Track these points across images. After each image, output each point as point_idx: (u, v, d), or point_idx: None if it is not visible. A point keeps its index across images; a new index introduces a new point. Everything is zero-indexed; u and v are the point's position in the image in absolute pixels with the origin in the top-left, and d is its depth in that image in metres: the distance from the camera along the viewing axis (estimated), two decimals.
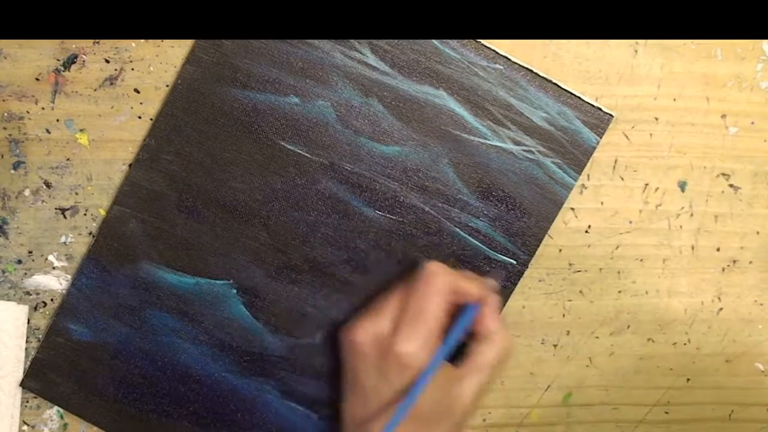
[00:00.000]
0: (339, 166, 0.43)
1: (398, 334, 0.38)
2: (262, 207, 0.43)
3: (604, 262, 0.45)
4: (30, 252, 0.44)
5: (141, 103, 0.43)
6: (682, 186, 0.45)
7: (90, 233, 0.44)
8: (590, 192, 0.45)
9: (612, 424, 0.46)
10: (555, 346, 0.46)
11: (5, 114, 0.43)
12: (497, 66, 0.43)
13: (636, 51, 0.44)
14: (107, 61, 0.43)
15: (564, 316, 0.45)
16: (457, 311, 0.40)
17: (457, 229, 0.43)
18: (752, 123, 0.45)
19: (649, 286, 0.46)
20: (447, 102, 0.43)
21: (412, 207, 0.43)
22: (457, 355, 0.40)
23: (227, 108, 0.43)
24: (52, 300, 0.44)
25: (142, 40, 0.43)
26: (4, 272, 0.44)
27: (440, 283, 0.39)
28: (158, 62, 0.43)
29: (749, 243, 0.46)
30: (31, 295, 0.44)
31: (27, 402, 0.44)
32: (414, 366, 0.37)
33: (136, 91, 0.43)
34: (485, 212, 0.43)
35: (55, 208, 0.44)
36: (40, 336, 0.44)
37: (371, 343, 0.39)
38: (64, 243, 0.44)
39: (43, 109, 0.43)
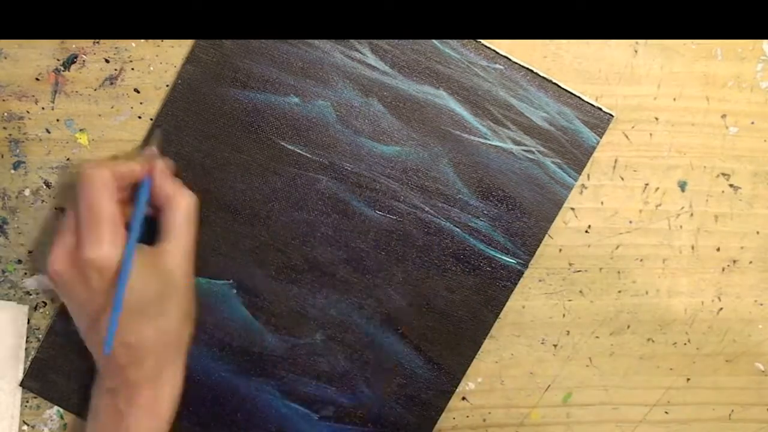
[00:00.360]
0: (339, 166, 0.43)
1: (84, 244, 0.37)
2: (262, 207, 0.43)
3: (604, 262, 0.45)
4: (30, 252, 0.44)
5: (141, 103, 0.43)
6: (682, 186, 0.45)
7: None
8: (590, 192, 0.45)
9: (612, 424, 0.46)
10: (555, 346, 0.46)
11: (5, 114, 0.43)
12: (497, 66, 0.43)
13: (636, 51, 0.44)
14: (107, 61, 0.43)
15: (564, 316, 0.45)
16: (133, 193, 0.40)
17: (457, 229, 0.43)
18: (752, 123, 0.45)
19: (649, 286, 0.46)
20: (447, 102, 0.43)
21: (412, 207, 0.43)
22: (155, 235, 0.40)
23: (227, 108, 0.43)
24: (52, 300, 0.44)
25: (142, 40, 0.43)
26: (4, 272, 0.44)
27: (100, 177, 0.38)
28: (158, 62, 0.43)
29: (749, 243, 0.46)
30: (31, 295, 0.44)
31: (27, 402, 0.44)
32: (111, 265, 0.37)
33: (136, 91, 0.43)
34: (485, 212, 0.43)
35: (55, 208, 0.44)
36: (40, 336, 0.44)
37: (67, 266, 0.38)
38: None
39: (43, 109, 0.43)
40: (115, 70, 0.43)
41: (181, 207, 0.40)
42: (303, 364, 0.44)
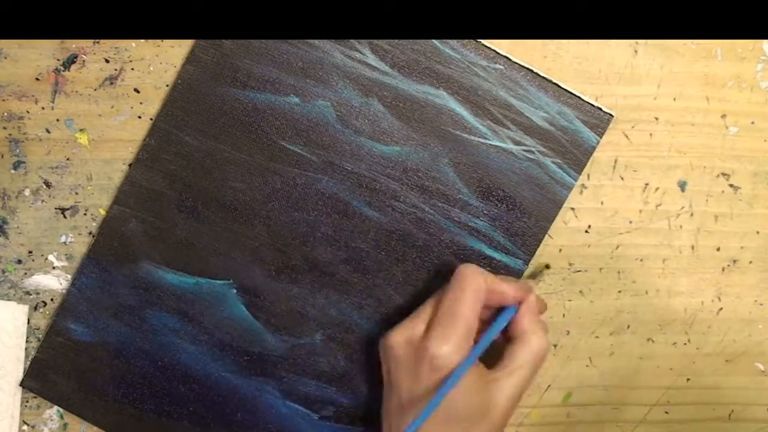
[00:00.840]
0: (339, 166, 0.43)
1: (431, 336, 0.38)
2: (262, 207, 0.43)
3: (604, 262, 0.45)
4: (30, 252, 0.44)
5: (141, 103, 0.43)
6: (682, 186, 0.45)
7: (90, 233, 0.44)
8: (590, 192, 0.45)
9: (612, 424, 0.46)
10: (555, 346, 0.46)
11: (5, 114, 0.43)
12: (497, 66, 0.43)
13: (636, 51, 0.44)
14: (107, 61, 0.43)
15: (564, 316, 0.45)
16: (495, 314, 0.40)
17: (457, 229, 0.43)
18: (752, 123, 0.45)
19: (649, 286, 0.46)
20: (447, 102, 0.43)
21: (412, 207, 0.43)
22: (496, 358, 0.40)
23: (227, 108, 0.43)
24: (52, 300, 0.44)
25: (142, 40, 0.43)
26: (4, 272, 0.44)
27: (474, 284, 0.38)
28: (158, 62, 0.43)
29: (749, 243, 0.46)
30: (31, 295, 0.44)
31: (27, 402, 0.44)
32: (446, 367, 0.37)
33: (136, 91, 0.43)
34: (485, 212, 0.43)
35: (55, 208, 0.44)
36: (40, 336, 0.44)
37: (405, 346, 0.39)
38: (64, 243, 0.44)
39: (43, 109, 0.43)
40: (115, 70, 0.43)
41: (534, 348, 0.39)
42: (303, 364, 0.44)
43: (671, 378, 0.46)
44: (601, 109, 0.43)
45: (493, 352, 0.39)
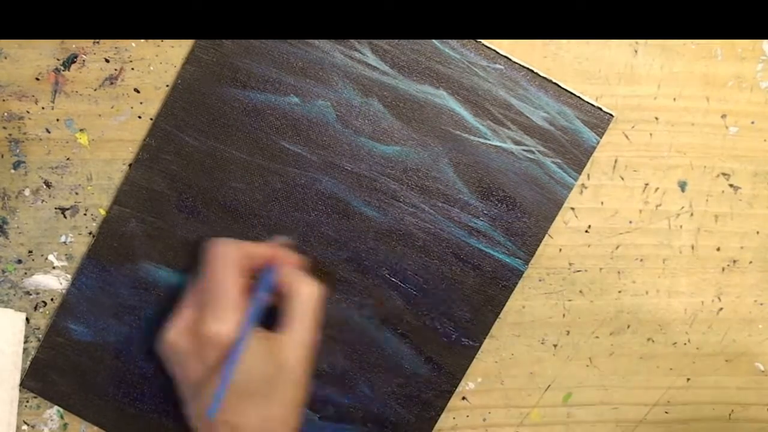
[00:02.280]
0: (339, 166, 0.43)
1: (204, 320, 0.37)
2: (262, 207, 0.43)
3: (604, 262, 0.45)
4: (30, 252, 0.44)
5: (141, 103, 0.43)
6: (682, 186, 0.45)
7: (90, 233, 0.44)
8: (590, 192, 0.45)
9: (612, 424, 0.46)
10: (555, 346, 0.46)
11: (5, 114, 0.43)
12: (497, 66, 0.43)
13: (636, 51, 0.44)
14: (107, 61, 0.43)
15: (564, 316, 0.45)
16: (258, 278, 0.40)
17: (457, 229, 0.43)
18: (752, 123, 0.45)
19: (649, 286, 0.46)
20: (447, 102, 0.43)
21: (412, 207, 0.43)
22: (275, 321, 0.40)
23: (227, 108, 0.43)
24: (52, 300, 0.44)
25: (142, 40, 0.43)
26: (4, 272, 0.44)
27: (228, 256, 0.38)
28: (158, 62, 0.43)
29: (749, 243, 0.46)
30: (31, 294, 0.44)
31: (27, 402, 0.44)
32: (229, 342, 0.37)
33: (136, 91, 0.43)
34: (485, 212, 0.43)
35: (55, 208, 0.44)
36: (40, 336, 0.44)
37: (182, 336, 0.38)
38: (64, 243, 0.44)
39: (43, 109, 0.43)
40: (115, 70, 0.43)
41: (303, 297, 0.39)
42: None
43: (671, 378, 0.46)
44: (601, 109, 0.43)
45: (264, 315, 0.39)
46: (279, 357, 0.38)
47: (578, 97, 0.43)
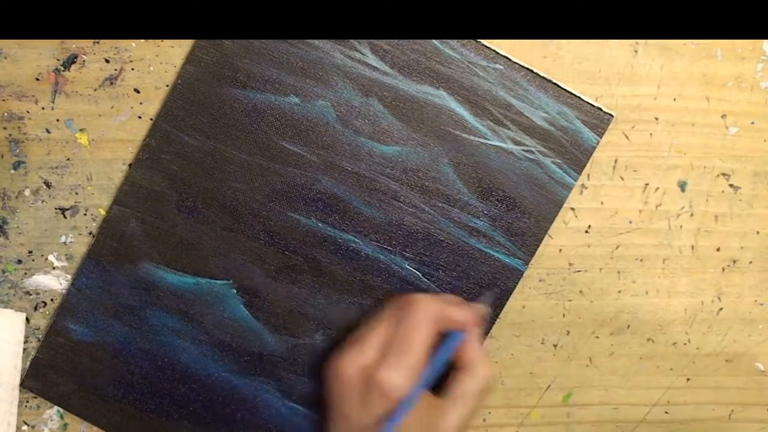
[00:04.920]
0: (339, 166, 0.43)
1: (382, 364, 0.37)
2: (262, 207, 0.43)
3: (604, 262, 0.45)
4: (30, 252, 0.44)
5: (141, 103, 0.43)
6: (682, 186, 0.45)
7: (90, 233, 0.44)
8: (590, 192, 0.45)
9: (612, 424, 0.46)
10: (555, 346, 0.46)
11: (5, 114, 0.43)
12: (497, 66, 0.43)
13: (636, 51, 0.44)
14: (107, 61, 0.43)
15: (564, 316, 0.45)
16: (443, 339, 0.40)
17: (457, 229, 0.43)
18: (752, 123, 0.45)
19: (649, 286, 0.46)
20: (447, 102, 0.43)
21: (412, 207, 0.43)
22: (443, 385, 0.40)
23: (227, 108, 0.43)
24: (52, 300, 0.44)
25: (142, 40, 0.43)
26: (4, 272, 0.44)
27: (427, 312, 0.38)
28: (158, 62, 0.43)
29: (749, 243, 0.46)
30: (31, 295, 0.44)
31: (27, 402, 0.44)
32: (397, 395, 0.37)
33: (136, 91, 0.43)
34: (485, 212, 0.43)
35: (55, 208, 0.44)
36: (40, 336, 0.44)
37: (355, 373, 0.38)
38: (64, 243, 0.44)
39: (43, 109, 0.43)
40: (115, 70, 0.43)
41: (480, 377, 0.39)
42: (303, 364, 0.44)
43: (671, 378, 0.46)
44: (601, 109, 0.43)
45: (439, 379, 0.39)
46: (438, 424, 0.38)
47: (578, 97, 0.43)
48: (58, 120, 0.43)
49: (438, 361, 0.39)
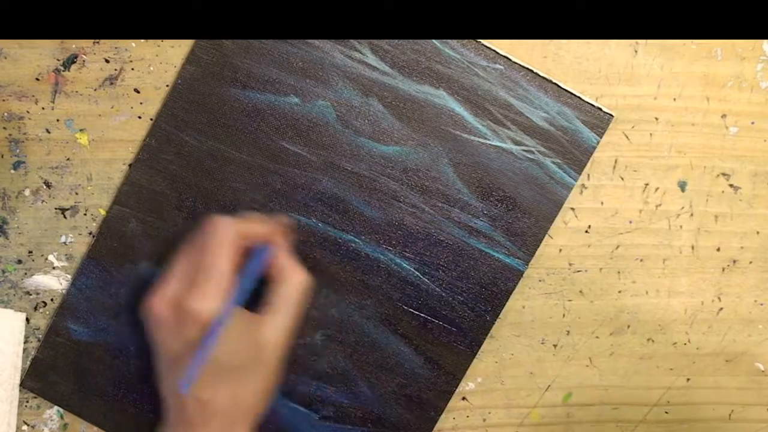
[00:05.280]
0: (339, 166, 0.43)
1: (190, 294, 0.37)
2: (262, 207, 0.43)
3: (604, 262, 0.45)
4: (30, 252, 0.44)
5: (141, 103, 0.43)
6: (682, 186, 0.45)
7: (90, 233, 0.44)
8: (590, 192, 0.45)
9: (612, 424, 0.46)
10: (555, 346, 0.46)
11: (5, 114, 0.43)
12: (497, 66, 0.43)
13: (636, 51, 0.44)
14: (107, 61, 0.43)
15: (564, 316, 0.45)
16: (249, 257, 0.39)
17: (457, 229, 0.43)
18: (752, 123, 0.45)
19: (649, 286, 0.46)
20: (447, 102, 0.43)
21: (412, 207, 0.43)
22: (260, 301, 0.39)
23: (227, 108, 0.43)
24: (52, 300, 0.44)
25: (142, 40, 0.43)
26: (4, 272, 0.44)
27: (225, 233, 0.38)
28: (158, 62, 0.43)
29: (749, 243, 0.46)
30: (31, 295, 0.44)
31: (27, 402, 0.44)
32: (209, 319, 0.37)
33: (136, 91, 0.43)
34: (485, 212, 0.43)
35: (55, 208, 0.44)
36: (40, 336, 0.44)
37: (165, 307, 0.38)
38: (64, 243, 0.44)
39: (43, 109, 0.43)
40: (115, 70, 0.43)
41: (293, 283, 0.39)
42: (303, 364, 0.44)
43: (671, 378, 0.46)
44: (601, 109, 0.43)
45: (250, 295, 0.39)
46: (258, 338, 0.38)
47: (578, 97, 0.43)
48: (58, 120, 0.43)
49: (247, 277, 0.38)
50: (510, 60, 0.42)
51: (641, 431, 0.47)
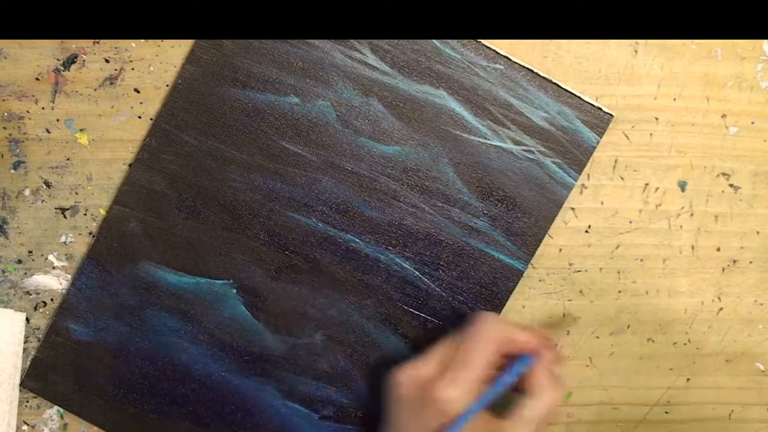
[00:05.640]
0: (339, 166, 0.43)
1: (440, 379, 0.37)
2: (262, 207, 0.43)
3: (604, 262, 0.45)
4: (30, 252, 0.44)
5: (141, 103, 0.43)
6: (682, 186, 0.45)
7: (90, 233, 0.44)
8: (590, 192, 0.45)
9: (612, 424, 0.46)
10: (555, 346, 0.46)
11: (5, 114, 0.43)
12: (497, 66, 0.43)
13: (636, 51, 0.44)
14: (107, 61, 0.43)
15: (564, 316, 0.45)
16: (510, 361, 0.39)
17: (457, 229, 0.43)
18: (752, 123, 0.45)
19: (649, 286, 0.46)
20: (447, 102, 0.43)
21: (412, 207, 0.43)
22: (507, 409, 0.39)
23: (227, 108, 0.43)
24: (52, 300, 0.44)
25: (142, 40, 0.43)
26: (4, 272, 0.44)
27: (489, 331, 0.38)
28: (158, 62, 0.43)
29: (749, 243, 0.46)
30: (31, 295, 0.44)
31: (27, 402, 0.44)
32: (452, 412, 0.37)
33: (136, 91, 0.43)
34: (485, 212, 0.43)
35: (55, 208, 0.44)
36: (40, 336, 0.44)
37: (413, 385, 0.38)
38: (64, 243, 0.44)
39: (43, 109, 0.43)
40: (115, 70, 0.43)
41: (545, 403, 0.38)
42: (303, 364, 0.44)
43: (671, 378, 0.46)
44: (601, 109, 0.43)
45: (504, 403, 0.39)
46: None
47: (578, 97, 0.43)
48: (58, 120, 0.43)
49: (501, 381, 0.38)
50: (510, 60, 0.42)
51: (641, 431, 0.47)
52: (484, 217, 0.43)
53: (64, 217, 0.44)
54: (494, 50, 0.42)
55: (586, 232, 0.45)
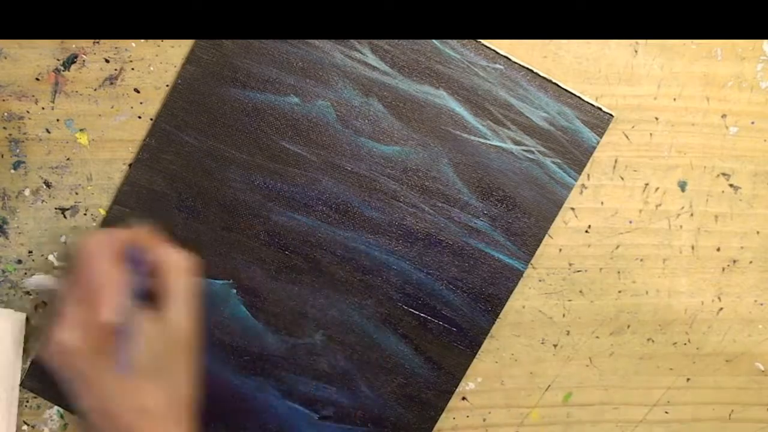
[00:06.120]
0: (339, 166, 0.43)
1: (95, 310, 0.36)
2: (262, 207, 0.43)
3: (604, 262, 0.45)
4: (30, 252, 0.44)
5: (141, 103, 0.43)
6: (682, 186, 0.45)
7: None
8: (590, 192, 0.45)
9: (612, 424, 0.46)
10: (555, 346, 0.46)
11: (5, 114, 0.43)
12: (497, 66, 0.43)
13: (636, 51, 0.44)
14: (107, 61, 0.43)
15: (564, 316, 0.45)
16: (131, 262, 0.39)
17: (457, 229, 0.43)
18: (752, 123, 0.45)
19: (649, 286, 0.46)
20: (447, 102, 0.43)
21: (412, 207, 0.43)
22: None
23: (227, 108, 0.43)
24: (52, 300, 0.44)
25: (142, 40, 0.43)
26: (4, 272, 0.44)
27: (100, 245, 0.37)
28: (158, 62, 0.43)
29: (749, 243, 0.46)
30: (31, 295, 0.44)
31: (27, 402, 0.44)
32: (116, 326, 0.36)
33: (136, 91, 0.43)
34: (485, 212, 0.43)
35: (55, 208, 0.44)
36: (40, 336, 0.44)
37: (78, 334, 0.37)
38: (64, 243, 0.44)
39: (43, 109, 0.43)
40: (115, 70, 0.43)
41: (173, 270, 0.38)
42: (303, 364, 0.44)
43: (671, 378, 0.46)
44: (601, 109, 0.43)
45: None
46: (169, 334, 0.38)
47: (578, 97, 0.43)
48: (58, 120, 0.43)
49: (136, 279, 0.38)
50: (510, 60, 0.42)
51: (641, 431, 0.47)
52: (484, 217, 0.43)
53: (64, 217, 0.44)
54: (494, 50, 0.42)
55: (586, 232, 0.45)
